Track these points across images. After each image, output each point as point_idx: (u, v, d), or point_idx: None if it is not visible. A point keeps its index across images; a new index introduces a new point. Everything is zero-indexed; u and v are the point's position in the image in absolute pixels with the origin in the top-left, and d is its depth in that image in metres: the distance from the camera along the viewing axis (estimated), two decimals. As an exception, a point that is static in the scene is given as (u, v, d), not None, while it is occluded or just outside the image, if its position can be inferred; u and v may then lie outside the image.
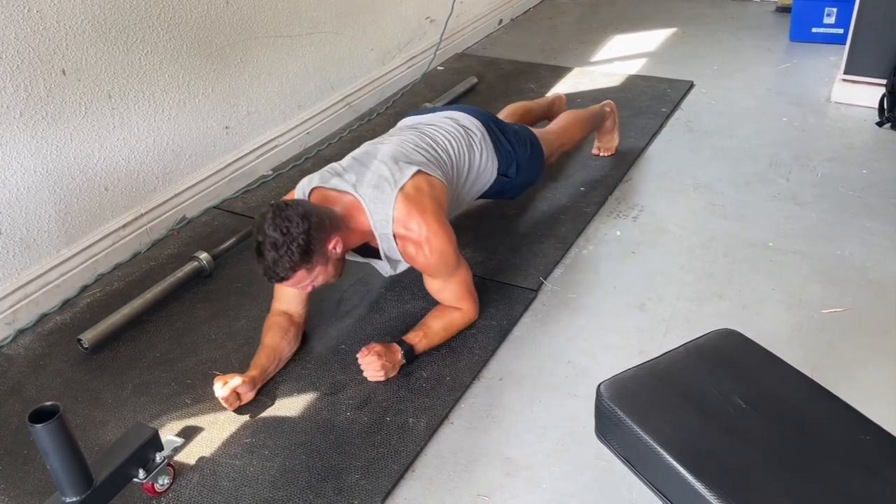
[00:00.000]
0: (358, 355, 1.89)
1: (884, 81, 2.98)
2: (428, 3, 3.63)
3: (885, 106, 2.95)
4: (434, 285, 1.98)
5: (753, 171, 2.71)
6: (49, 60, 2.06)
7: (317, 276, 1.75)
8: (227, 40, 2.59)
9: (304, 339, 2.03)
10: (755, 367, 1.24)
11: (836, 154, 2.79)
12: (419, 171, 1.90)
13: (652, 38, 4.03)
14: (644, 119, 3.12)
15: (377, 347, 1.87)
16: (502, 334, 2.03)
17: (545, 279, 2.23)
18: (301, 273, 1.70)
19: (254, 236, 1.68)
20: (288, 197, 1.88)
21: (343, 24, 3.08)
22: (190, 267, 2.28)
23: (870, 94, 3.04)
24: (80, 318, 2.18)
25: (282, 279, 1.70)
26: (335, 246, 1.75)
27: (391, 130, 2.22)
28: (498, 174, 2.22)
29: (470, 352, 1.97)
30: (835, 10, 3.65)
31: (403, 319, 2.08)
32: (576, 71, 3.66)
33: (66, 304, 2.25)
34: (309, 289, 1.81)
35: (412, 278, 2.19)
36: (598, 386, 1.21)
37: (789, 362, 1.25)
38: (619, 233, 2.43)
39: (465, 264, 1.99)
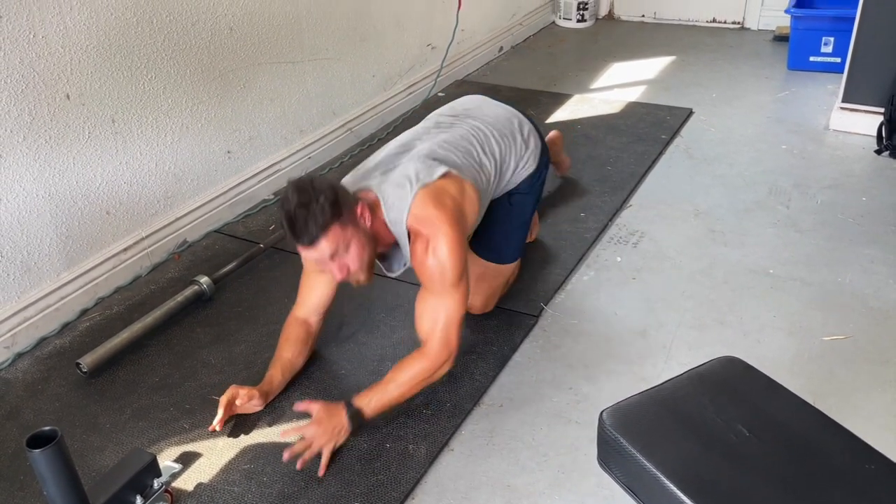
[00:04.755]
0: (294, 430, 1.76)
1: (881, 110, 3.00)
2: (429, 31, 3.66)
3: (884, 134, 2.97)
4: (420, 303, 1.81)
5: (753, 199, 2.72)
6: (54, 85, 2.07)
7: (351, 242, 1.67)
8: (231, 66, 2.62)
9: (305, 363, 2.02)
10: (757, 394, 1.24)
11: (835, 181, 2.80)
12: (448, 173, 1.82)
13: (651, 66, 4.06)
14: (643, 145, 3.14)
15: (317, 408, 1.73)
16: (503, 360, 2.02)
17: (546, 305, 2.23)
18: (335, 230, 1.63)
19: (281, 211, 1.64)
20: None
21: (345, 51, 3.11)
22: (190, 291, 2.27)
23: (868, 122, 3.06)
24: (80, 342, 2.17)
25: (315, 238, 1.62)
26: (363, 213, 1.70)
27: (448, 111, 2.14)
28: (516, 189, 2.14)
29: (471, 377, 1.96)
30: (832, 39, 3.68)
31: (404, 344, 2.07)
32: (575, 98, 3.68)
33: (66, 327, 2.24)
34: (343, 271, 1.70)
35: (411, 302, 2.18)
36: (601, 413, 1.20)
37: (791, 390, 1.24)
38: (619, 259, 2.43)
39: (463, 297, 1.77)
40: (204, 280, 2.30)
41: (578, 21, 4.76)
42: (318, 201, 1.61)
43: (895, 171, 2.86)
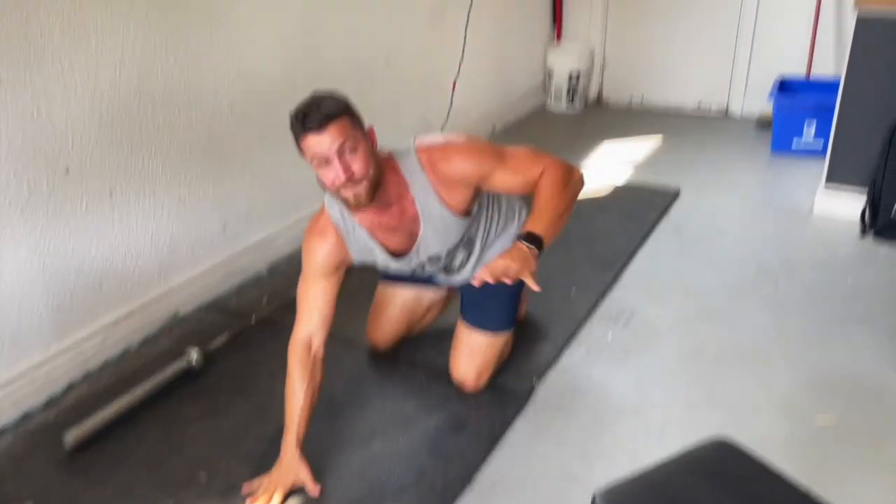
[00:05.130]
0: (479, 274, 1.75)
1: (864, 192, 3.08)
2: (424, 109, 3.76)
3: (867, 217, 3.04)
4: (500, 181, 1.85)
5: (742, 278, 2.76)
6: (54, 159, 2.11)
7: (359, 145, 1.68)
8: (230, 142, 2.67)
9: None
10: (749, 478, 1.23)
11: (821, 263, 2.85)
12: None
13: (639, 148, 4.17)
14: (633, 224, 3.19)
15: (501, 262, 1.73)
16: (494, 438, 2.00)
17: (538, 382, 2.22)
18: (344, 122, 1.66)
19: (294, 116, 1.67)
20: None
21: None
22: (179, 364, 2.26)
23: (852, 204, 3.13)
24: (65, 416, 2.13)
25: (324, 122, 1.62)
26: (372, 133, 1.77)
27: None
28: None
29: (461, 456, 1.93)
30: (814, 124, 3.80)
31: (394, 421, 2.05)
32: (566, 177, 3.75)
33: (52, 401, 2.21)
34: (348, 171, 1.67)
35: (402, 376, 2.18)
36: (593, 498, 1.19)
37: (783, 473, 1.24)
38: (611, 336, 2.44)
39: (513, 148, 1.90)
40: (194, 353, 2.29)
41: (568, 104, 4.90)
42: (333, 95, 1.69)
43: (880, 254, 2.91)
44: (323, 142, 1.65)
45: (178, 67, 2.42)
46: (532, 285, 1.75)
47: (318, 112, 1.64)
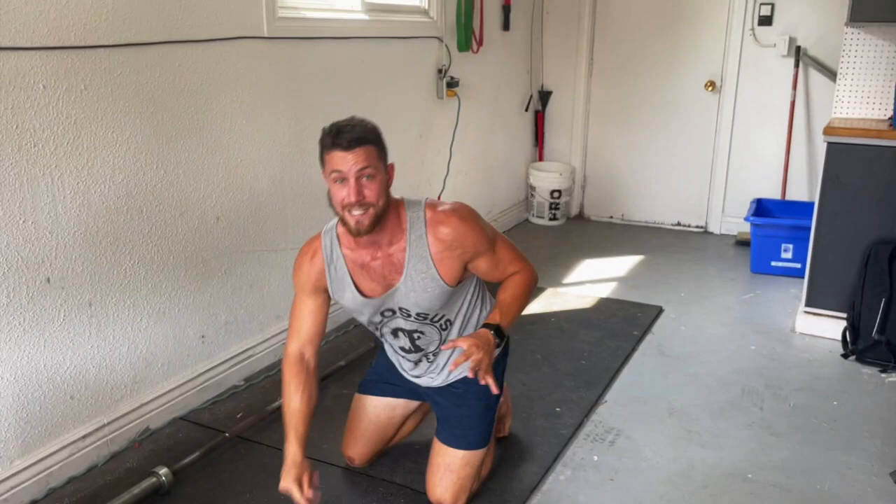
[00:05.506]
0: (460, 358, 1.84)
1: (844, 315, 3.10)
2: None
3: (848, 339, 3.05)
4: (485, 266, 1.98)
5: (727, 399, 2.73)
6: (36, 269, 2.09)
7: (377, 175, 1.79)
8: (214, 253, 2.67)
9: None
10: None
11: (805, 384, 2.83)
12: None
13: (621, 264, 4.22)
14: (617, 341, 3.18)
15: (470, 341, 1.84)
16: (476, 569, 1.90)
17: (521, 507, 2.14)
18: (373, 150, 1.79)
19: (327, 130, 1.79)
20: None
21: (327, 241, 3.20)
22: (147, 483, 2.16)
23: (832, 326, 3.15)
24: (22, 539, 2.02)
25: (356, 142, 1.75)
26: (392, 171, 1.89)
27: None
28: None
29: (441, 589, 1.83)
30: (791, 246, 3.89)
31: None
32: (548, 291, 3.78)
33: (9, 521, 2.09)
34: (360, 194, 1.78)
35: (380, 497, 2.09)
36: None
37: None
38: (596, 458, 2.38)
39: (503, 237, 2.05)
40: (163, 471, 2.19)
41: (551, 219, 4.99)
42: (369, 123, 1.82)
43: (863, 376, 2.91)
44: (347, 160, 1.76)
45: (168, 181, 2.45)
46: (490, 381, 1.84)
47: (352, 132, 1.76)
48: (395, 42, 3.52)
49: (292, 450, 1.90)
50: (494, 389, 1.86)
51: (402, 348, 2.12)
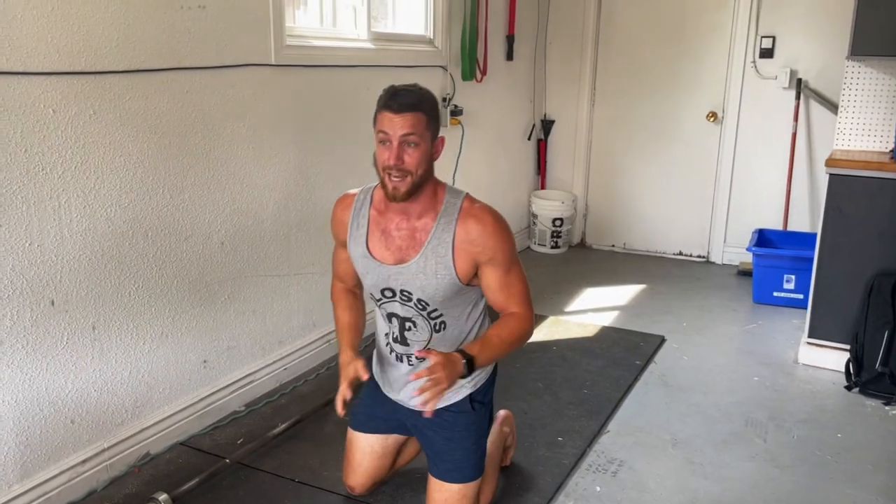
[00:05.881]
0: (423, 371, 1.81)
1: (847, 346, 3.10)
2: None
3: (852, 371, 3.04)
4: (492, 280, 1.95)
5: (730, 430, 2.71)
6: (40, 291, 2.09)
7: (422, 143, 1.82)
8: (217, 278, 2.68)
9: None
10: None
11: (809, 416, 2.82)
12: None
13: (623, 293, 4.22)
14: (619, 370, 3.17)
15: (441, 360, 1.79)
16: None
17: (523, 538, 2.12)
18: (423, 118, 1.81)
19: (386, 90, 1.82)
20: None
21: (330, 265, 3.21)
22: (147, 510, 2.15)
23: (836, 358, 3.14)
24: (18, 565, 2.00)
25: (408, 107, 1.78)
26: (441, 141, 1.91)
27: None
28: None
29: None
30: (793, 277, 3.89)
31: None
32: (550, 319, 3.77)
33: (6, 546, 2.07)
34: (401, 159, 1.81)
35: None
36: None
37: None
38: (598, 488, 2.36)
39: (522, 268, 2.00)
40: (162, 497, 2.18)
41: (553, 247, 5.00)
42: (428, 93, 1.85)
43: (867, 408, 2.89)
44: (394, 123, 1.80)
45: (174, 205, 2.46)
46: (427, 407, 1.79)
47: (406, 96, 1.80)
48: (401, 70, 3.55)
49: (346, 353, 2.06)
50: (428, 414, 1.81)
51: (391, 336, 2.11)
